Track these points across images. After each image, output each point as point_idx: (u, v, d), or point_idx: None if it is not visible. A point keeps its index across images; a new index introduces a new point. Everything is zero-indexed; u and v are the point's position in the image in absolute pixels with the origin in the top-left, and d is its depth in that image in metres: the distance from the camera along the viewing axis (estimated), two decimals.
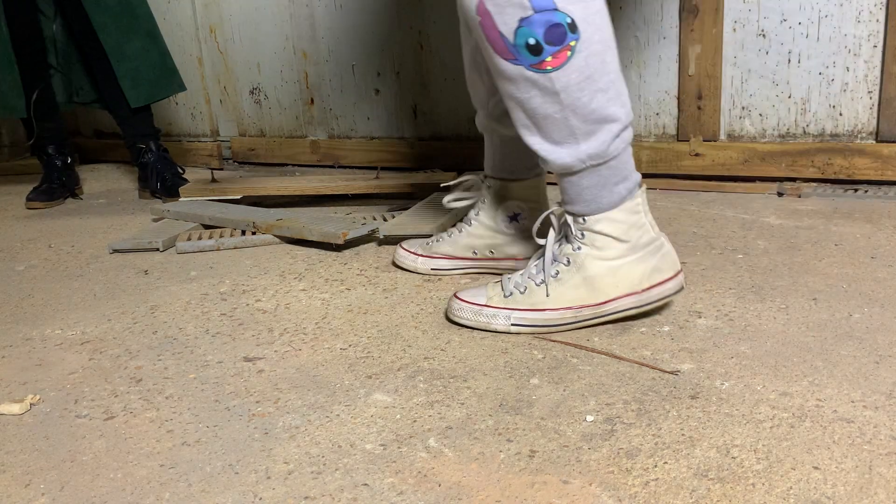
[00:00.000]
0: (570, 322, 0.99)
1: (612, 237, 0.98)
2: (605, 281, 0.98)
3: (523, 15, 0.89)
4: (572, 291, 0.99)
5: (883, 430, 0.72)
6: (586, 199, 0.97)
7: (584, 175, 0.96)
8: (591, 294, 0.98)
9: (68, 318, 1.15)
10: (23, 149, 2.90)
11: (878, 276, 1.14)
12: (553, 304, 0.99)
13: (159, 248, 1.50)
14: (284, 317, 1.10)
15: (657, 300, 1.00)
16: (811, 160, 1.69)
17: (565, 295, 0.98)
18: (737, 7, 1.72)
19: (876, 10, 1.60)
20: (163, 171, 2.06)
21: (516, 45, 0.90)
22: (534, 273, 1.01)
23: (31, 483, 0.71)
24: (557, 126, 0.94)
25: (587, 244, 0.98)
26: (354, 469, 0.70)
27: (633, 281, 0.98)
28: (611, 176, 0.96)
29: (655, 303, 1.00)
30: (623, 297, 0.99)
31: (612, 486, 0.66)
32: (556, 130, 0.94)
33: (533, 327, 0.99)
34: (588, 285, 0.98)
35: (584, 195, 0.97)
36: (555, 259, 1.00)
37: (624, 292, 0.98)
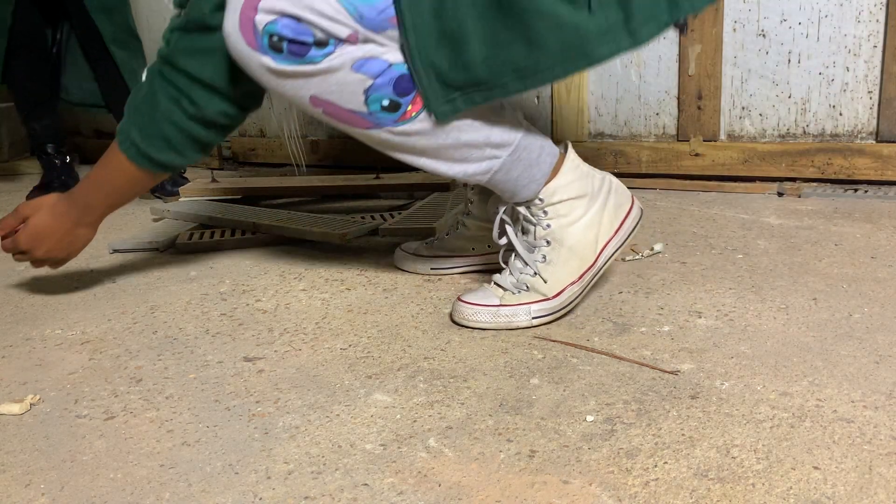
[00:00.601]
0: (579, 294, 1.04)
1: (572, 198, 1.02)
2: (587, 240, 1.03)
3: (365, 86, 0.87)
4: (565, 267, 1.02)
5: (883, 430, 0.72)
6: (524, 184, 0.99)
7: (507, 169, 0.97)
8: (582, 259, 1.03)
9: (68, 318, 1.15)
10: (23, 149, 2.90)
11: (878, 276, 1.14)
12: (556, 286, 1.01)
13: (159, 248, 1.50)
14: (284, 317, 1.10)
15: (630, 231, 1.07)
16: (811, 160, 1.69)
17: (561, 273, 1.02)
18: (737, 7, 1.72)
19: (876, 10, 1.60)
20: None
21: (372, 113, 0.89)
22: (522, 268, 1.03)
23: (31, 483, 0.71)
24: (454, 149, 0.94)
25: (554, 217, 1.02)
26: (354, 469, 0.70)
27: (606, 226, 1.04)
28: (530, 153, 0.98)
29: (629, 234, 1.07)
30: (606, 244, 1.04)
31: (612, 486, 0.66)
32: (455, 152, 0.94)
33: (551, 314, 1.01)
34: (575, 253, 1.02)
35: (520, 183, 0.99)
36: (534, 247, 1.02)
37: (605, 240, 1.04)
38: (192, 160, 1.07)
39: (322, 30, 0.83)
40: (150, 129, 1.02)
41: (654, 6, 0.85)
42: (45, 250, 1.14)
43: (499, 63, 0.84)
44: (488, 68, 0.85)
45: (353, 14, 0.83)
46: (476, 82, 0.86)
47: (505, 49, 0.84)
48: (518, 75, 0.85)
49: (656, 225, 1.50)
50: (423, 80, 0.87)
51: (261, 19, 0.82)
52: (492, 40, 0.84)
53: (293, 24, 0.82)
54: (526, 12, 0.82)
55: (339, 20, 0.83)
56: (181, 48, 0.98)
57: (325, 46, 0.84)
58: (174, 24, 0.99)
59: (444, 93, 0.87)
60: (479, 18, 0.83)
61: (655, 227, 1.48)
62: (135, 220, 1.82)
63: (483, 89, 0.87)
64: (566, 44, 0.83)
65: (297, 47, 0.84)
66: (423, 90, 0.87)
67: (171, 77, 0.99)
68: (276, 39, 0.83)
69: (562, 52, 0.83)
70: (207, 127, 1.02)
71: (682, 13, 0.86)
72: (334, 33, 0.83)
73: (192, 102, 0.99)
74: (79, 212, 1.12)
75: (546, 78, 0.85)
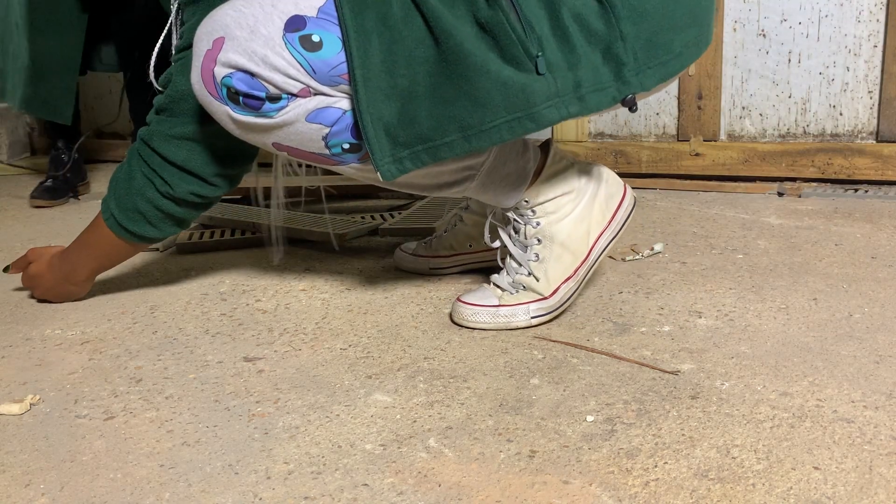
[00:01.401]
0: (575, 289, 1.04)
1: (558, 196, 1.02)
2: (579, 234, 1.03)
3: (322, 134, 0.88)
4: (558, 263, 1.02)
5: (883, 430, 0.72)
6: (505, 191, 1.00)
7: (483, 184, 0.98)
8: (575, 254, 1.03)
9: (68, 318, 1.15)
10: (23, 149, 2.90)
11: (879, 276, 1.14)
12: (552, 285, 1.01)
13: (159, 248, 1.50)
14: (284, 317, 1.10)
15: (623, 222, 1.07)
16: (811, 160, 1.69)
17: (555, 270, 1.02)
18: (737, 7, 1.72)
19: (876, 9, 1.60)
20: None
21: (335, 154, 0.90)
22: (517, 268, 1.03)
23: (31, 483, 0.71)
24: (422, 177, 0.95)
25: (542, 216, 1.02)
26: (354, 469, 0.70)
27: (598, 218, 1.04)
28: (506, 164, 0.99)
29: (623, 225, 1.07)
30: (598, 237, 1.04)
31: (612, 486, 0.66)
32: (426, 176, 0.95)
33: (549, 314, 1.02)
34: (567, 248, 1.02)
35: (500, 191, 1.00)
36: (526, 246, 1.03)
37: (597, 232, 1.04)
38: (169, 233, 1.11)
39: (274, 85, 0.85)
40: (126, 202, 1.07)
41: (602, 78, 0.85)
42: (39, 293, 1.21)
43: (445, 119, 0.83)
44: (434, 123, 0.83)
45: (307, 69, 0.84)
46: (422, 138, 0.84)
47: (451, 105, 0.83)
48: (463, 134, 0.83)
49: (656, 225, 1.50)
50: (371, 135, 0.85)
51: (219, 72, 0.85)
52: (439, 96, 0.83)
53: (247, 79, 0.84)
54: (471, 69, 0.81)
55: (292, 75, 0.84)
56: (158, 131, 1.03)
57: (278, 101, 0.86)
58: (156, 106, 1.04)
59: (392, 150, 0.85)
60: (428, 75, 0.83)
61: (655, 227, 1.48)
62: None
63: (430, 147, 0.85)
64: (511, 104, 0.82)
65: (251, 101, 0.86)
66: (370, 146, 0.85)
67: (146, 157, 1.05)
68: (233, 92, 0.85)
69: (507, 111, 0.82)
70: (179, 205, 1.07)
71: (629, 90, 0.86)
72: (286, 89, 0.85)
73: (164, 182, 1.04)
74: (66, 271, 1.17)
75: (492, 138, 0.83)
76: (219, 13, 0.86)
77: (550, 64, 0.83)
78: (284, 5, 0.84)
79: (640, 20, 0.85)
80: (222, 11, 0.85)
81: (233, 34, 0.84)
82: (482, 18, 0.82)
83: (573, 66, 0.84)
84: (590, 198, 1.04)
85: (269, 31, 0.83)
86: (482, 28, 0.82)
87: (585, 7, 0.84)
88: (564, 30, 0.84)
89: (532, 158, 1.01)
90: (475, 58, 0.81)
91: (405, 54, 0.83)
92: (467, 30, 0.82)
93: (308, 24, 0.84)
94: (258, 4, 0.84)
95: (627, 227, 1.08)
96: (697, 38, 0.91)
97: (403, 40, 0.83)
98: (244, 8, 0.84)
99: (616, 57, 0.85)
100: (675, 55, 0.88)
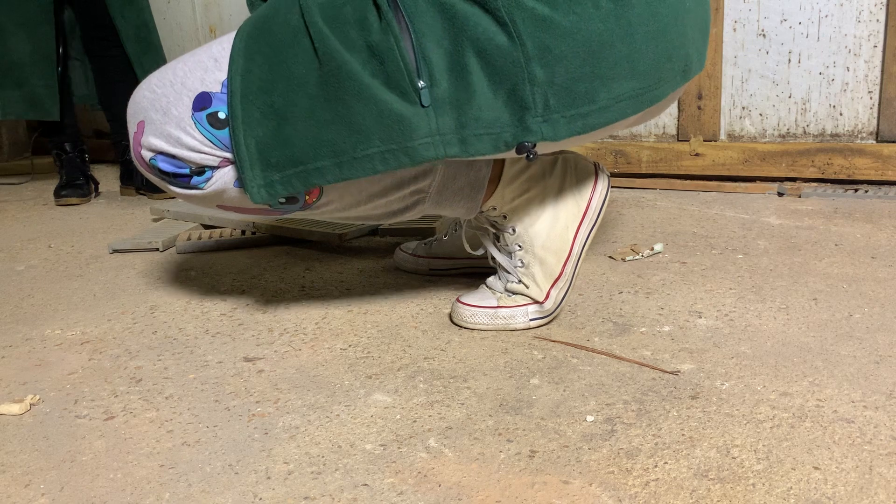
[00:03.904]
0: (567, 288, 1.02)
1: (522, 195, 0.99)
2: (556, 233, 1.00)
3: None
4: (543, 266, 1.01)
5: (883, 431, 0.72)
6: (462, 203, 0.98)
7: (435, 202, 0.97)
8: (557, 255, 1.01)
9: (68, 318, 1.15)
10: (23, 149, 2.90)
11: (879, 276, 1.14)
12: (541, 288, 1.00)
13: (159, 248, 1.50)
14: (284, 317, 1.10)
15: (600, 207, 1.03)
16: (811, 160, 1.69)
17: (541, 274, 1.01)
18: (737, 7, 1.72)
19: (876, 9, 1.60)
20: None
21: (277, 207, 0.91)
22: (507, 276, 1.03)
23: (31, 483, 0.71)
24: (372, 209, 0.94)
25: (515, 220, 1.00)
26: (354, 469, 0.70)
27: (573, 210, 1.01)
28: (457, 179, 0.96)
29: (600, 211, 1.03)
30: (577, 229, 1.02)
31: (612, 486, 0.66)
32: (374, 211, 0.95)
33: (546, 318, 1.01)
34: (549, 250, 1.00)
35: (457, 204, 0.98)
36: (510, 253, 1.02)
37: (575, 225, 1.01)
38: None
39: (193, 163, 0.86)
40: None
41: (497, 121, 0.79)
42: None
43: (318, 142, 0.81)
44: (307, 146, 0.81)
45: (217, 145, 0.85)
46: (294, 161, 0.82)
47: (325, 129, 0.80)
48: (336, 160, 0.81)
49: (656, 225, 1.50)
50: (243, 154, 0.83)
51: (145, 154, 0.88)
52: (315, 118, 0.80)
53: (169, 160, 0.87)
54: (349, 93, 0.78)
55: (207, 152, 0.86)
56: None
57: (203, 174, 0.87)
58: None
59: (263, 172, 0.83)
60: (307, 97, 0.80)
61: (655, 227, 1.48)
62: (135, 220, 1.82)
63: (301, 171, 0.82)
64: (387, 134, 0.78)
65: (180, 178, 0.88)
66: (241, 166, 0.83)
67: None
68: (162, 172, 0.88)
69: (381, 141, 0.79)
70: None
71: (529, 137, 0.79)
72: (205, 164, 0.86)
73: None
74: None
75: (364, 168, 0.80)
76: (138, 94, 0.88)
77: (437, 99, 0.78)
78: (192, 82, 0.86)
79: (554, 63, 0.77)
80: (141, 93, 0.88)
81: (150, 117, 0.86)
82: (372, 42, 0.78)
83: (463, 103, 0.78)
84: (557, 190, 1.01)
85: (180, 112, 0.85)
86: (372, 53, 0.78)
87: (492, 43, 0.77)
88: (463, 65, 0.77)
89: (485, 166, 0.97)
90: (355, 82, 0.78)
91: (285, 74, 0.81)
92: (356, 55, 0.79)
93: (213, 101, 0.85)
94: (169, 84, 0.86)
95: (606, 210, 1.05)
96: (637, 93, 0.81)
97: (286, 61, 0.81)
98: (157, 88, 0.87)
99: (521, 100, 0.78)
100: (599, 108, 0.80)
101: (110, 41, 2.01)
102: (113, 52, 2.03)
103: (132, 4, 2.00)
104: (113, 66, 2.05)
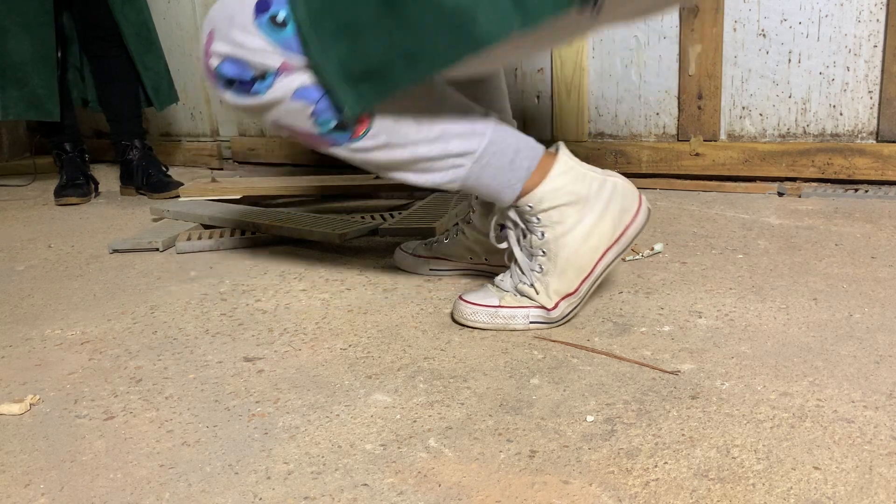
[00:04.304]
0: (578, 304, 1.02)
1: (563, 205, 0.99)
2: (584, 251, 1.00)
3: (308, 112, 0.91)
4: (561, 279, 1.00)
5: (883, 431, 0.72)
6: (500, 188, 0.98)
7: (477, 175, 0.97)
8: (578, 271, 1.00)
9: (68, 318, 1.15)
10: (23, 149, 2.90)
11: (879, 276, 1.14)
12: (552, 298, 1.00)
13: (159, 248, 1.50)
14: (284, 317, 1.10)
15: (633, 237, 1.03)
16: (811, 160, 1.69)
17: (557, 285, 1.00)
18: (737, 7, 1.72)
19: (876, 9, 1.60)
20: (148, 168, 2.08)
21: (325, 133, 0.93)
22: (520, 275, 1.02)
23: (31, 483, 0.71)
24: (414, 163, 0.96)
25: (547, 226, 1.00)
26: (354, 469, 0.70)
27: (607, 234, 1.01)
28: (501, 157, 0.97)
29: (632, 240, 1.04)
30: (605, 252, 1.01)
31: (612, 486, 0.66)
32: (416, 165, 0.96)
33: (548, 324, 1.01)
34: (571, 264, 1.00)
35: (494, 187, 0.98)
36: (532, 255, 1.02)
37: (605, 247, 1.01)
38: None
39: (256, 65, 0.89)
40: None
41: None
42: None
43: (390, 48, 0.84)
44: (380, 55, 0.85)
45: (280, 46, 0.87)
46: (372, 71, 0.86)
47: (392, 35, 0.84)
48: (406, 62, 0.84)
49: (656, 225, 1.50)
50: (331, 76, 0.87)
51: (212, 62, 0.91)
52: (380, 27, 0.84)
53: (233, 65, 0.90)
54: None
55: (268, 51, 0.88)
56: None
57: (264, 80, 0.89)
58: None
59: (351, 86, 0.88)
60: (368, 8, 0.84)
61: (655, 227, 1.48)
62: (135, 220, 1.82)
63: (382, 79, 0.86)
64: (447, 26, 0.81)
65: (242, 84, 0.90)
66: (331, 88, 0.88)
67: None
68: (226, 79, 0.91)
69: (444, 35, 0.82)
70: None
71: None
72: (267, 66, 0.88)
73: None
74: None
75: (435, 64, 0.84)
76: (211, 10, 0.92)
77: None
78: None
79: None
80: (212, 8, 0.92)
81: (218, 26, 0.90)
82: None
83: None
84: (600, 211, 1.00)
85: (243, 18, 0.88)
86: None
87: None
88: None
89: (535, 155, 0.99)
90: None
91: None
92: None
93: (272, 5, 0.88)
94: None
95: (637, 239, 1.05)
96: None
97: None
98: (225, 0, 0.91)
99: None
100: None
101: (109, 41, 2.01)
102: (112, 52, 2.03)
103: (132, 4, 2.00)
104: (112, 67, 2.05)
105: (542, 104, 1.97)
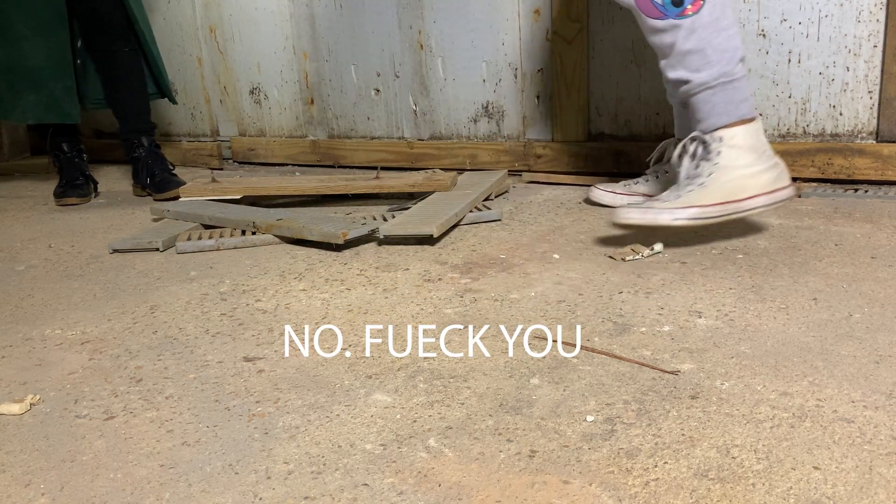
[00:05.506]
0: (717, 216, 1.25)
1: (744, 148, 1.26)
2: (746, 181, 1.25)
3: None
4: (719, 191, 1.24)
5: (883, 430, 0.72)
6: (719, 112, 1.26)
7: (716, 91, 1.26)
8: (735, 191, 1.25)
9: (68, 318, 1.15)
10: (23, 148, 2.90)
11: (879, 276, 1.14)
12: (707, 199, 1.24)
13: (159, 248, 1.50)
14: (284, 317, 1.10)
15: (781, 200, 1.28)
16: (811, 160, 1.69)
17: (714, 193, 1.24)
18: (737, 7, 1.71)
19: (876, 9, 1.60)
20: (153, 166, 2.07)
21: (664, 4, 1.24)
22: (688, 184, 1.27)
23: (31, 483, 0.71)
24: (696, 57, 1.26)
25: (724, 157, 1.26)
26: (354, 469, 0.70)
27: (766, 183, 1.26)
28: (735, 94, 1.26)
29: (780, 202, 1.28)
30: (760, 195, 1.26)
31: (612, 486, 0.66)
32: (695, 60, 1.26)
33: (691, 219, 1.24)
34: (733, 185, 1.25)
35: (716, 109, 1.26)
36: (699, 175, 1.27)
37: (760, 191, 1.26)
38: None
39: None
40: None
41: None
42: None
43: None
44: None
45: None
46: None
47: None
48: None
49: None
50: None
51: None
52: None
53: None
54: None
55: None
56: None
57: None
58: None
59: None
60: None
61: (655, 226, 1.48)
62: (135, 220, 1.82)
63: None
64: None
65: None
66: None
67: None
68: None
69: None
70: None
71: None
72: None
73: None
74: None
75: None
76: None
77: None
78: None
79: None
80: None
81: None
82: None
83: None
84: (765, 167, 1.26)
85: None
86: None
87: None
88: None
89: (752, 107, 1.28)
90: None
91: None
92: None
93: None
94: None
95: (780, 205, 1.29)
96: None
97: None
98: None
99: None
100: None
101: (114, 35, 2.01)
102: (116, 45, 2.02)
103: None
104: (117, 61, 2.04)
105: (542, 104, 1.97)
